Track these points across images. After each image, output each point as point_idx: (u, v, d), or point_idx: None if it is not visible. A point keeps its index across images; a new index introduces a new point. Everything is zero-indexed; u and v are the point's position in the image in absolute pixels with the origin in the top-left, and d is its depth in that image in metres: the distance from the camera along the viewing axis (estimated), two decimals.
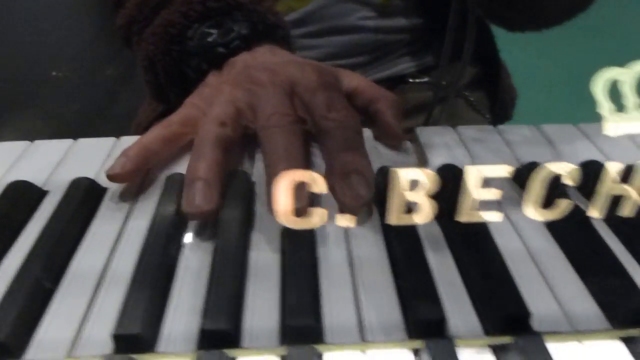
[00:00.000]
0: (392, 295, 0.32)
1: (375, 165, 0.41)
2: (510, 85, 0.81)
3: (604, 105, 0.31)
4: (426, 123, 0.66)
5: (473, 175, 0.32)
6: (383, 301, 0.32)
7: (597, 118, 0.33)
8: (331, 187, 0.37)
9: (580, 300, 0.32)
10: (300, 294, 0.32)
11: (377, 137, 0.45)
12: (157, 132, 0.42)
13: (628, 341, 0.30)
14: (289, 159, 0.37)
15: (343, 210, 0.37)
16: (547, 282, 0.34)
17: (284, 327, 0.31)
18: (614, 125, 0.32)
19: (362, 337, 0.30)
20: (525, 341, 0.29)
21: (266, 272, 0.34)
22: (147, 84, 0.54)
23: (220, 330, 0.30)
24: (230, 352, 0.29)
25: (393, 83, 0.71)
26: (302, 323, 0.30)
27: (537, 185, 0.33)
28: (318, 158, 0.43)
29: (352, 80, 0.47)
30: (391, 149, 0.44)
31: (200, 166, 0.37)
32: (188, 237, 0.37)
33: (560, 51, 2.22)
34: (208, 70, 0.48)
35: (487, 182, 0.33)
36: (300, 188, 0.33)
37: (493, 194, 0.33)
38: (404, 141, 0.45)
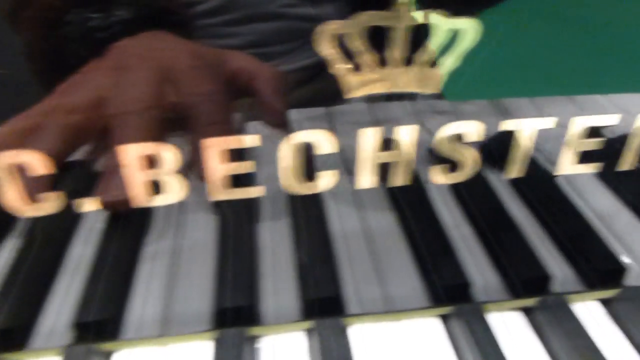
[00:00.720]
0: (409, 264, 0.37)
1: None
2: None
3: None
4: None
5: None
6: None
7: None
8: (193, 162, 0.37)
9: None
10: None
11: (259, 115, 0.45)
12: (12, 124, 0.39)
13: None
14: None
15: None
16: None
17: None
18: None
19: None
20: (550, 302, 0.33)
21: None
22: (32, 74, 0.51)
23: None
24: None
25: (317, 70, 0.71)
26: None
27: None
28: None
29: (236, 61, 0.46)
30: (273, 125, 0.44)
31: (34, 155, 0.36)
32: None
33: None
34: (88, 57, 0.46)
35: None
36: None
37: None
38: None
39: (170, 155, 0.30)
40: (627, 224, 0.40)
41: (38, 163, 0.29)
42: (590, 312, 0.34)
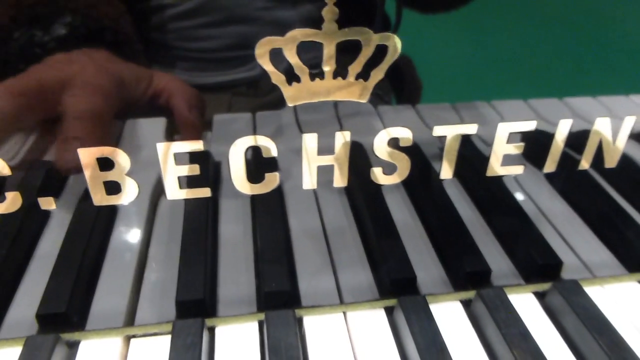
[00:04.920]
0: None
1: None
2: (414, 76, 0.84)
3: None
4: None
5: None
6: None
7: None
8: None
9: None
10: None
11: (176, 130, 0.49)
12: None
13: None
14: None
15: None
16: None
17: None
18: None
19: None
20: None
21: None
22: None
23: None
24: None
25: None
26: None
27: None
28: None
29: (162, 82, 0.50)
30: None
31: None
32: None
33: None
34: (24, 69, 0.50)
35: None
36: None
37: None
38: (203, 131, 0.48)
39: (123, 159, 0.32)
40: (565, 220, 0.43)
41: None
42: (526, 304, 0.37)
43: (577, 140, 0.38)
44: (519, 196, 0.44)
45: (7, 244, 0.37)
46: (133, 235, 0.40)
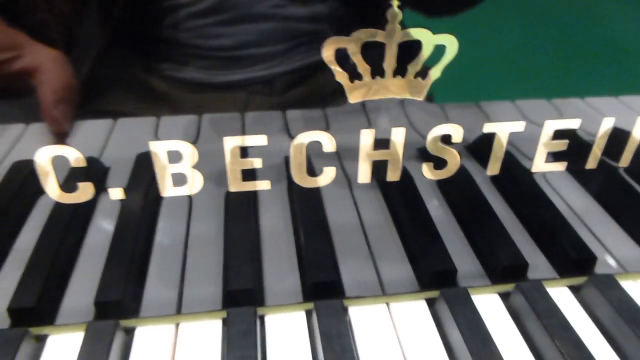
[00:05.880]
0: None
1: None
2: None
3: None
4: None
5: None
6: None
7: None
8: None
9: None
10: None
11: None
12: None
13: None
14: None
15: None
16: None
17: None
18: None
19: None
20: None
21: None
22: None
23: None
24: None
25: (311, 71, 0.73)
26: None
27: None
28: None
29: (35, 60, 0.45)
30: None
31: None
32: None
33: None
34: None
35: None
36: None
37: None
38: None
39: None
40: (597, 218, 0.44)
41: None
42: (561, 297, 0.38)
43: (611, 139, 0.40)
44: (551, 193, 0.45)
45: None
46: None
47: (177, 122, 0.50)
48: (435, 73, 0.33)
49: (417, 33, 0.32)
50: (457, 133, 0.35)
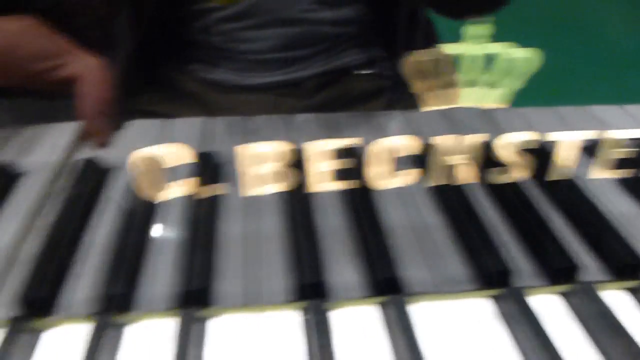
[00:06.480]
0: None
1: None
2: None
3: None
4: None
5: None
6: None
7: None
8: None
9: None
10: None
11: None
12: None
13: None
14: None
15: None
16: None
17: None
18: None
19: None
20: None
21: None
22: None
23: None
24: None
25: (338, 75, 0.74)
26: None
27: None
28: None
29: (76, 68, 0.47)
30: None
31: None
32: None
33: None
34: None
35: None
36: None
37: None
38: None
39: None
40: None
41: None
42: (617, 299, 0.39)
43: None
44: (596, 199, 0.46)
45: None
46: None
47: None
48: (513, 83, 0.34)
49: (496, 47, 0.33)
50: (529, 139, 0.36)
